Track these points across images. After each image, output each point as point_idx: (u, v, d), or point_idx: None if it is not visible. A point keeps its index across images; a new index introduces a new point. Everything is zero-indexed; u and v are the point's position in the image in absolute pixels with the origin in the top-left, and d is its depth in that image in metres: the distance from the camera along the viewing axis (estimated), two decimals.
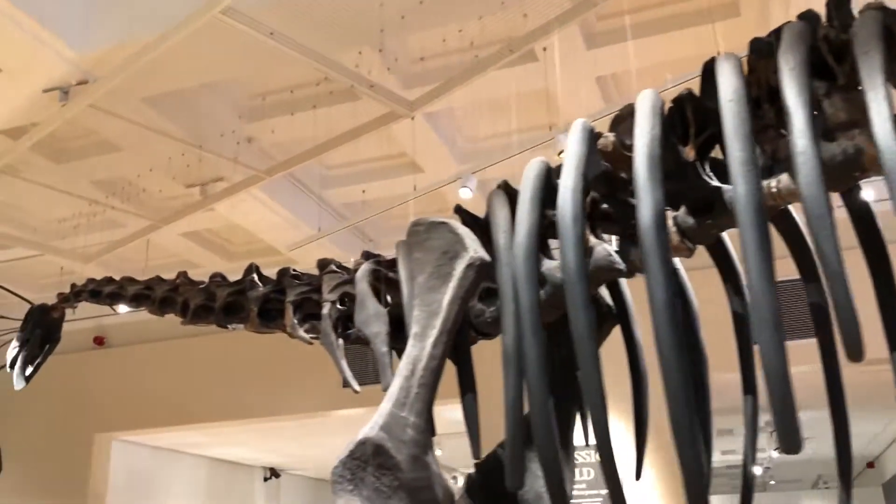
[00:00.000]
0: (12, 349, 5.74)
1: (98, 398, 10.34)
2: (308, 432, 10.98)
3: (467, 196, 6.26)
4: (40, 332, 5.72)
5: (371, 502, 2.76)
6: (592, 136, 2.37)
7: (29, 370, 5.67)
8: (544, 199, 2.50)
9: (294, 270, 3.77)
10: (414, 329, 2.82)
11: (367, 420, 2.56)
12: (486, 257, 2.69)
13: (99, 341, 10.67)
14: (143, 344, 10.52)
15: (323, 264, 3.69)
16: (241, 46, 5.32)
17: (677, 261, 2.40)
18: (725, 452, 12.88)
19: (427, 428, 2.70)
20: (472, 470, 2.89)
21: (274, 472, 13.61)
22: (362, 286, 3.30)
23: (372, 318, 3.23)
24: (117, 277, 4.69)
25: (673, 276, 2.08)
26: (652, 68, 6.41)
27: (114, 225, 8.75)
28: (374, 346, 3.22)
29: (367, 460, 2.75)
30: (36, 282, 10.22)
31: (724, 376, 2.87)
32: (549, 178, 2.52)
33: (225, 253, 9.90)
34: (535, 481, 3.08)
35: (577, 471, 8.08)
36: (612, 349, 2.73)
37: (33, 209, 8.37)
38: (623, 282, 2.77)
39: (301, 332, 3.71)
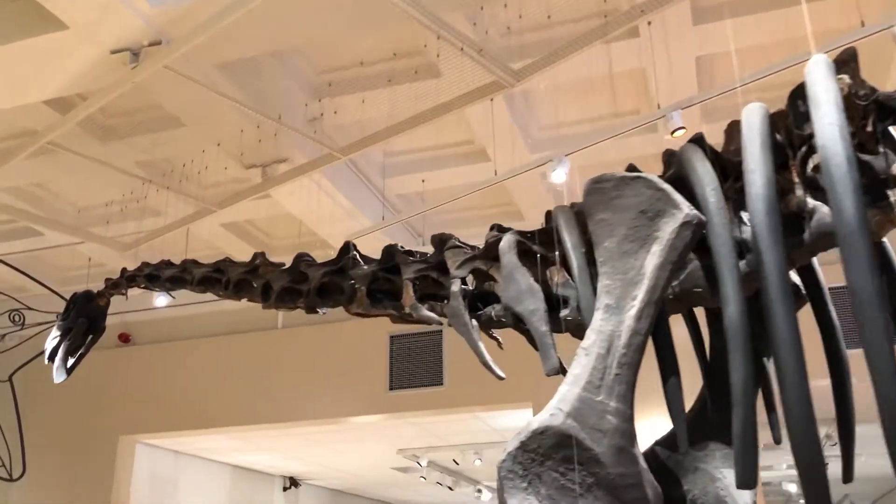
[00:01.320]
0: (52, 339, 5.23)
1: (123, 399, 9.78)
2: (331, 439, 10.48)
3: (561, 180, 5.81)
4: (84, 321, 5.21)
5: (555, 502, 2.31)
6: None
7: (71, 362, 5.16)
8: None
9: (401, 247, 3.35)
10: (604, 301, 2.40)
11: (388, 426, 2.11)
12: (703, 216, 2.28)
13: (124, 338, 10.12)
14: (169, 342, 9.99)
15: (442, 239, 3.25)
16: (328, 6, 4.90)
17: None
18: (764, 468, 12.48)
19: (632, 415, 2.27)
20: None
21: (294, 482, 13.05)
22: (510, 258, 2.86)
23: (525, 294, 2.80)
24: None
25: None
26: (750, 50, 6.03)
27: (153, 212, 8.25)
28: (531, 324, 2.78)
29: (546, 453, 2.32)
30: (62, 274, 9.68)
31: None
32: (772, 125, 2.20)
33: (264, 247, 9.41)
34: (712, 484, 2.66)
35: None
36: None
37: (70, 192, 7.86)
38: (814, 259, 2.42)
39: (425, 312, 3.25)
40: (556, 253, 2.75)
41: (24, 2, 4.81)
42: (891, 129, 2.08)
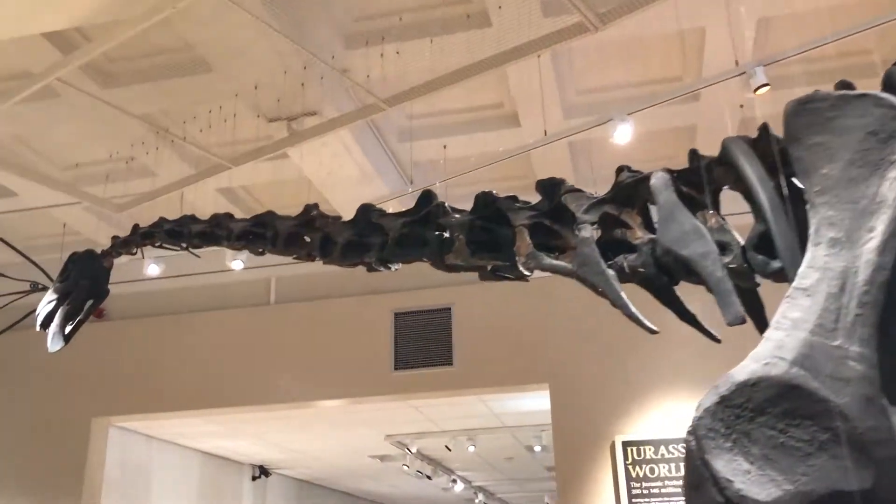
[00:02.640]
0: (46, 303, 4.64)
1: (96, 378, 9.05)
2: (317, 423, 9.97)
3: (624, 141, 5.48)
4: (86, 282, 4.64)
5: (773, 463, 1.97)
6: None
7: (69, 328, 4.58)
8: None
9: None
10: (828, 234, 2.09)
11: (382, 410, 1.72)
12: None
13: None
14: (147, 318, 9.29)
15: (553, 183, 2.89)
16: None
17: None
18: None
19: (878, 362, 1.95)
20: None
21: (263, 471, 12.45)
22: (668, 196, 2.52)
23: (691, 235, 2.47)
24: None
25: None
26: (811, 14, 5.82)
27: (147, 173, 7.62)
28: (703, 268, 2.44)
29: (759, 408, 1.99)
30: (31, 241, 8.89)
31: None
32: None
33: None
34: None
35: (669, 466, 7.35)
36: None
37: (54, 147, 7.14)
38: None
39: (549, 261, 2.86)
40: (707, 195, 2.46)
41: None
42: None
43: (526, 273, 2.85)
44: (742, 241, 2.36)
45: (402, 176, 7.59)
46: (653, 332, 2.69)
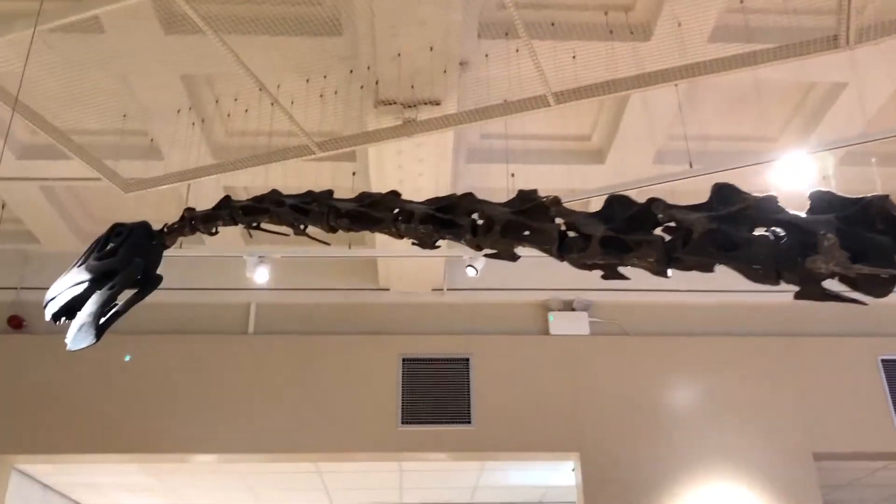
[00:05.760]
0: (72, 285, 3.43)
1: (7, 403, 7.14)
2: (286, 482, 8.44)
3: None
4: (140, 263, 3.49)
5: None
6: None
7: (103, 319, 3.38)
8: None
9: None
10: None
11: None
12: None
13: (16, 323, 7.50)
14: None
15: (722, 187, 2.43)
16: None
17: None
18: None
19: None
20: None
21: None
22: None
23: None
24: None
25: None
26: None
27: (155, 154, 6.26)
28: None
29: None
30: None
31: None
32: None
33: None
34: None
35: None
36: None
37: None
38: None
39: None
40: None
41: None
42: None
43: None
44: None
45: None
46: None
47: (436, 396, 7.24)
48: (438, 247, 2.92)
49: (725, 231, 2.50)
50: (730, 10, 5.06)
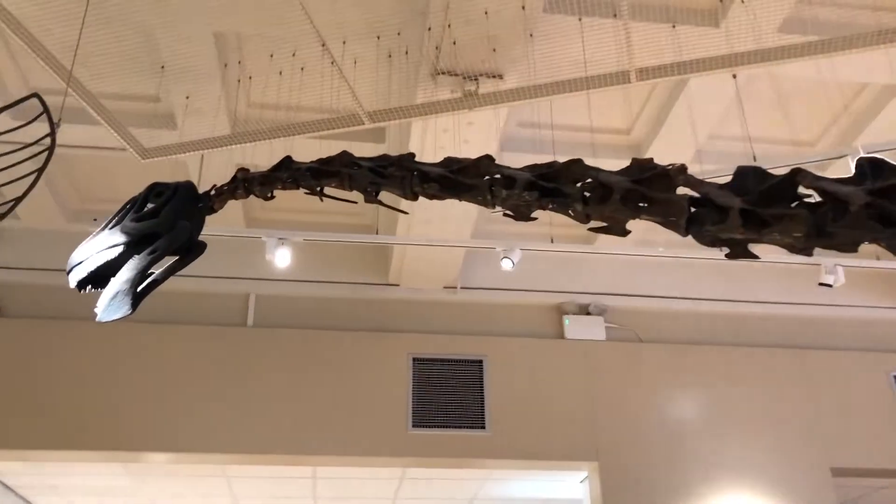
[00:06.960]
0: (104, 248, 3.10)
1: None
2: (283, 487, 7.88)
3: None
4: (186, 227, 3.16)
5: None
6: None
7: (141, 287, 3.05)
8: None
9: None
10: None
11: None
12: None
13: None
14: (58, 320, 6.88)
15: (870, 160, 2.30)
16: None
17: None
18: None
19: None
20: None
21: None
22: None
23: None
24: None
25: None
26: None
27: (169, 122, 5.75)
28: None
29: None
30: None
31: None
32: None
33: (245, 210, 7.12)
34: None
35: None
36: None
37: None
38: None
39: None
40: None
41: None
42: None
43: None
44: None
45: None
46: None
47: (448, 399, 6.85)
48: (535, 218, 2.63)
49: (881, 205, 2.28)
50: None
